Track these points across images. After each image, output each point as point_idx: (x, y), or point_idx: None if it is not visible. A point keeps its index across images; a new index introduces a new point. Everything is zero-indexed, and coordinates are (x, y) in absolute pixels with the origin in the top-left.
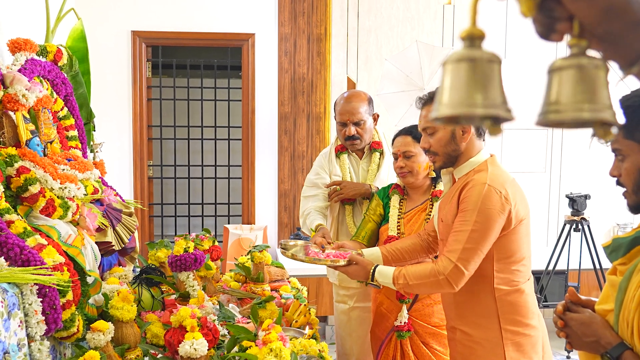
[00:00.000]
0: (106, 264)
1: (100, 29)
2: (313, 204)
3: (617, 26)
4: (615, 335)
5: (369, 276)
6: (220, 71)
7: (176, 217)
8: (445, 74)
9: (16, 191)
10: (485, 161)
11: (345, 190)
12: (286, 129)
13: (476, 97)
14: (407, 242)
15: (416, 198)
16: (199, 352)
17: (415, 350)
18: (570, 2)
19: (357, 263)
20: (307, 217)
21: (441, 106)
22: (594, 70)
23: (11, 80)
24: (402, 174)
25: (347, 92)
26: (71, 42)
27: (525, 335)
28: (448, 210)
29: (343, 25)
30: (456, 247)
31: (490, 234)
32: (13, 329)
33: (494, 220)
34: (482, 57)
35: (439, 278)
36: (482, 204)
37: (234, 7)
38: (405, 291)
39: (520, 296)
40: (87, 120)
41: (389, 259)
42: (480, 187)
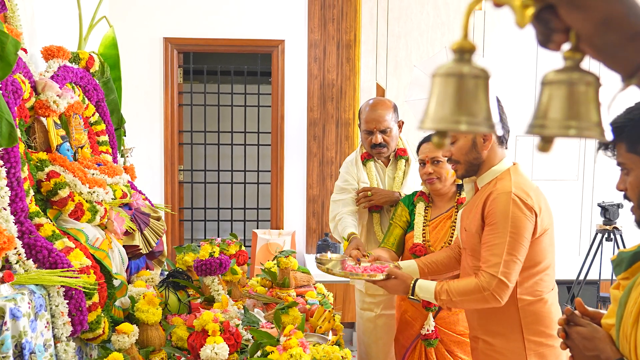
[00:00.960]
0: (134, 267)
1: (134, 36)
2: (344, 209)
3: (613, 38)
4: (616, 351)
5: (408, 290)
6: (250, 77)
7: (206, 222)
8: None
9: (46, 195)
10: (508, 170)
11: (375, 197)
12: (315, 135)
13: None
14: (442, 254)
15: (441, 205)
16: (219, 356)
17: (440, 358)
18: (566, 14)
19: (397, 277)
20: (339, 222)
21: (427, 119)
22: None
23: (43, 87)
24: (430, 180)
25: (372, 99)
26: (103, 49)
27: (549, 346)
28: (471, 219)
29: (372, 32)
30: (496, 261)
31: (524, 241)
32: (40, 330)
33: (525, 227)
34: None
35: (484, 294)
36: (512, 214)
37: (264, 14)
38: (448, 306)
39: (544, 306)
40: (118, 125)
41: (425, 272)
42: (505, 197)
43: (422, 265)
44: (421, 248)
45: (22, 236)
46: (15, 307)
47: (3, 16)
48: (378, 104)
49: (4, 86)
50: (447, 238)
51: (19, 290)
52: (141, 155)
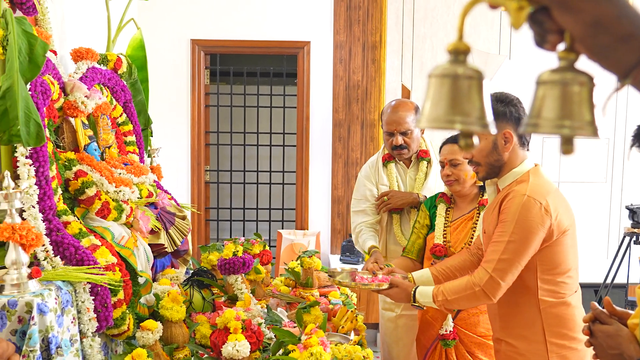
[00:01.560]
0: (159, 266)
1: (161, 38)
2: (363, 220)
3: (605, 40)
4: (639, 350)
5: (410, 298)
6: (276, 78)
7: (231, 222)
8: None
9: (74, 194)
10: (528, 172)
11: (393, 200)
12: (340, 136)
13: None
14: (457, 259)
15: (463, 207)
16: (241, 353)
17: (461, 359)
18: (558, 16)
19: (398, 286)
20: (359, 235)
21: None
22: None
23: (71, 88)
24: (448, 182)
25: (394, 101)
26: (131, 51)
27: (571, 349)
28: (490, 221)
29: (398, 33)
30: (492, 258)
31: (528, 245)
32: (66, 325)
33: (533, 232)
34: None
35: (475, 290)
36: (520, 215)
37: (290, 16)
38: (446, 307)
39: (567, 309)
40: (145, 126)
41: (439, 279)
42: (519, 199)
43: (436, 272)
44: (441, 249)
45: (50, 233)
46: (43, 302)
47: (34, 19)
48: (399, 105)
49: (33, 87)
50: (468, 239)
51: (46, 286)
52: (168, 155)
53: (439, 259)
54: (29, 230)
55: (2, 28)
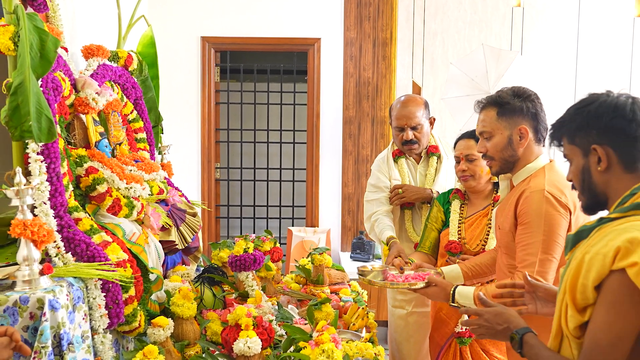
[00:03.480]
0: (170, 263)
1: (172, 35)
2: (379, 208)
3: None
4: (523, 322)
5: (449, 297)
6: (286, 75)
7: (242, 219)
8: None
9: (85, 190)
10: (543, 167)
11: (407, 193)
12: (350, 133)
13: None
14: (486, 256)
15: (477, 203)
16: (252, 350)
17: (475, 357)
18: None
19: (437, 285)
20: (376, 223)
21: None
22: None
23: (82, 85)
24: (464, 177)
25: (403, 96)
26: (141, 48)
27: None
28: (505, 217)
29: (409, 29)
30: (532, 260)
31: (559, 239)
32: (77, 322)
33: (559, 225)
34: None
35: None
36: (544, 212)
37: (300, 13)
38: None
39: None
40: (156, 123)
41: (469, 275)
42: (538, 195)
43: (465, 269)
44: (456, 245)
45: (61, 230)
46: (54, 298)
47: (45, 16)
48: (409, 100)
49: (44, 83)
50: (483, 236)
51: (57, 283)
52: (178, 152)
53: (454, 256)
54: (40, 227)
55: (14, 24)
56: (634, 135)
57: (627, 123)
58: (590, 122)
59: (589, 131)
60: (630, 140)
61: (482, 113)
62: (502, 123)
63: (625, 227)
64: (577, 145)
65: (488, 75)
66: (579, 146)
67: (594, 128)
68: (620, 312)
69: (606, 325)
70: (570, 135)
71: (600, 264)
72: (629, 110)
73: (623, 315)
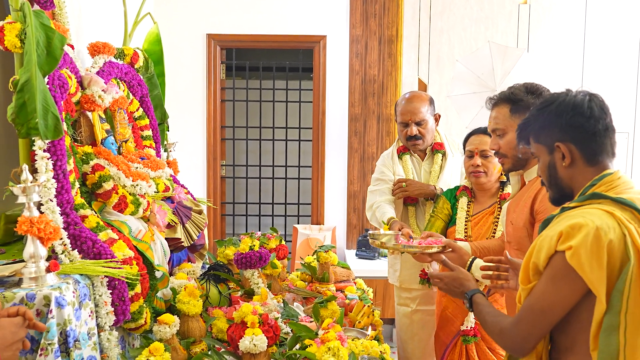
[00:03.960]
0: (176, 260)
1: (177, 33)
2: (380, 197)
3: None
4: (475, 285)
5: (465, 265)
6: (291, 73)
7: (247, 216)
8: None
9: (91, 187)
10: None
11: (410, 188)
12: (356, 131)
13: None
14: (495, 242)
15: (484, 201)
16: (258, 347)
17: (481, 355)
18: None
19: (454, 250)
20: (377, 209)
21: None
22: None
23: (89, 82)
24: (476, 173)
25: (408, 93)
26: (147, 45)
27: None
28: (519, 213)
29: (415, 27)
30: None
31: None
32: (84, 319)
33: None
34: None
35: None
36: None
37: (306, 10)
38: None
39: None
40: (161, 120)
41: (477, 255)
42: None
43: (474, 248)
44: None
45: (67, 227)
46: (61, 295)
47: (51, 13)
48: (414, 97)
49: (50, 80)
50: (489, 234)
51: (64, 280)
52: (184, 150)
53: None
54: (47, 224)
55: (20, 21)
56: (592, 130)
57: (586, 120)
58: (552, 121)
59: (552, 130)
60: (589, 136)
61: (494, 110)
62: (516, 120)
63: (574, 214)
64: (542, 144)
65: (494, 72)
66: (544, 144)
67: (556, 127)
68: (556, 285)
69: (541, 294)
70: (535, 134)
71: (547, 245)
72: (586, 108)
73: (558, 288)
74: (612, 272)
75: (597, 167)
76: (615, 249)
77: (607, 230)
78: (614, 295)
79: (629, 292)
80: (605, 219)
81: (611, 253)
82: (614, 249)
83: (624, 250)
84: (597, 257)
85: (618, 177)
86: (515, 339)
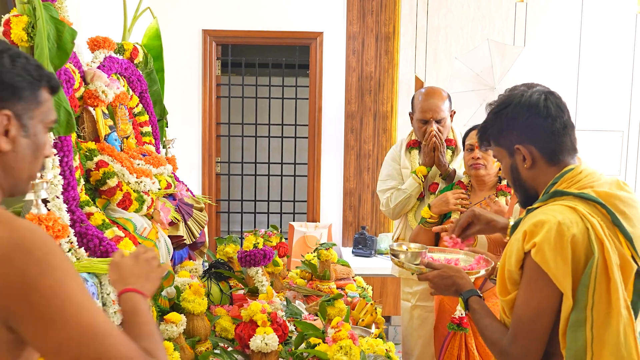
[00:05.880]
0: (177, 258)
1: (173, 28)
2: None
3: None
4: (470, 283)
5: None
6: (288, 69)
7: (242, 214)
8: None
9: (95, 184)
10: None
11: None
12: (352, 128)
13: None
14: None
15: (481, 194)
16: (270, 346)
17: (481, 350)
18: None
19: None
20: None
21: None
22: None
23: (92, 77)
24: (476, 165)
25: (427, 88)
26: (147, 40)
27: None
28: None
29: (412, 24)
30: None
31: None
32: None
33: None
34: None
35: None
36: None
37: (302, 6)
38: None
39: None
40: (161, 116)
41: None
42: None
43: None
44: None
45: (73, 225)
46: None
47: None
48: (434, 93)
49: (57, 75)
50: None
51: None
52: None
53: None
54: (55, 222)
55: (28, 14)
56: (551, 130)
57: (543, 120)
58: (510, 124)
59: (510, 132)
60: (548, 135)
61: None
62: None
63: (537, 212)
64: (502, 147)
65: (493, 70)
66: (504, 147)
67: (514, 129)
68: (535, 288)
69: (525, 303)
70: (494, 138)
71: (515, 248)
72: (542, 107)
73: (538, 290)
74: (577, 267)
75: (559, 166)
76: (579, 244)
77: (569, 225)
78: (580, 290)
79: (595, 287)
80: (568, 214)
81: (575, 248)
82: (578, 244)
83: (588, 245)
84: (561, 252)
85: (579, 172)
86: (517, 357)
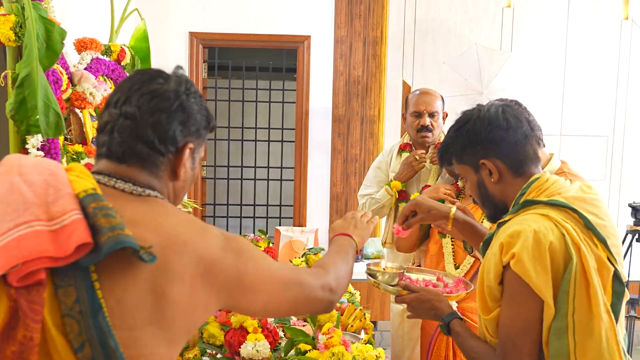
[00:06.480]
0: None
1: (160, 30)
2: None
3: None
4: (449, 307)
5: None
6: (275, 73)
7: (228, 218)
8: None
9: None
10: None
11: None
12: (340, 132)
13: None
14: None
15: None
16: (261, 353)
17: None
18: None
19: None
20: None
21: None
22: None
23: (79, 79)
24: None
25: (421, 88)
26: (134, 42)
27: None
28: None
29: (399, 28)
30: None
31: None
32: None
33: None
34: None
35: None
36: None
37: (290, 10)
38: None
39: None
40: None
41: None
42: None
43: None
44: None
45: None
46: None
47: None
48: (428, 90)
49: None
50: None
51: None
52: None
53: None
54: None
55: (16, 13)
56: (513, 140)
57: (504, 132)
58: (472, 139)
59: (474, 148)
60: (511, 146)
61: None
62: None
63: (511, 223)
64: (466, 164)
65: (481, 75)
66: (469, 164)
67: (477, 144)
68: (519, 302)
69: (510, 319)
70: (457, 156)
71: (493, 262)
72: (502, 120)
73: (522, 304)
74: (557, 275)
75: (525, 176)
76: (557, 251)
77: (545, 233)
78: (560, 297)
79: (575, 292)
80: (542, 221)
81: (554, 255)
82: (556, 251)
83: (565, 250)
84: (540, 261)
85: (545, 180)
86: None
